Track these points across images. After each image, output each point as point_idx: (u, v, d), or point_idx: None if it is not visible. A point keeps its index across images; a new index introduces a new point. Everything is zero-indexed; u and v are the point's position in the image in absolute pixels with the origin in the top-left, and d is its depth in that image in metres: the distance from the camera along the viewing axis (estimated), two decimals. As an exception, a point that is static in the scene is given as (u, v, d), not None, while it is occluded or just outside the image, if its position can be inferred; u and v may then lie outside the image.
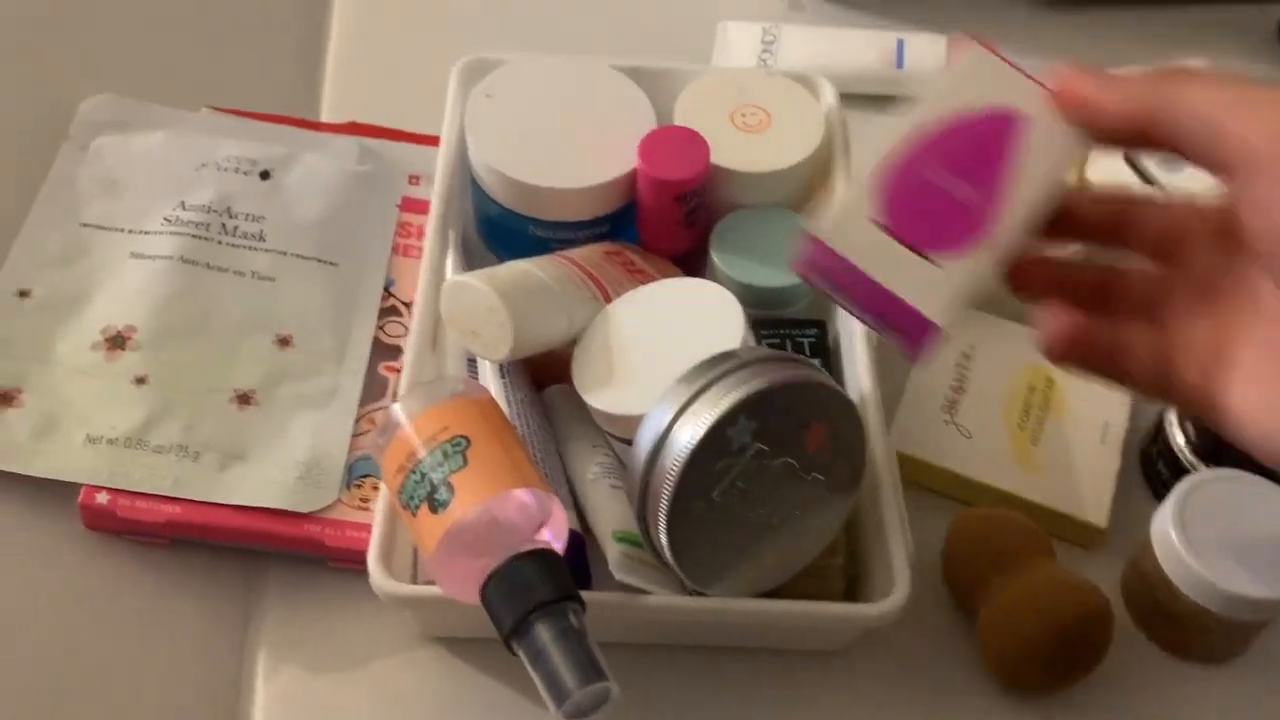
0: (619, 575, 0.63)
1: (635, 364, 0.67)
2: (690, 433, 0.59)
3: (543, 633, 0.56)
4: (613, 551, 0.63)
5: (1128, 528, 0.74)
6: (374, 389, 0.77)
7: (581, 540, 0.65)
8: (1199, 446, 0.73)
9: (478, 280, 0.68)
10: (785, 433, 0.61)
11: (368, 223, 0.85)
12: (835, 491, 0.64)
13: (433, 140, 0.88)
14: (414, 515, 0.60)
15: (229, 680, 0.69)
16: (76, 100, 0.87)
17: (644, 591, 0.63)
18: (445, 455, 0.60)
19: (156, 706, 0.68)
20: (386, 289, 0.82)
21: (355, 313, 0.80)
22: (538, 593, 0.56)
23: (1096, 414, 0.78)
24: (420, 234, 0.84)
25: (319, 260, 0.81)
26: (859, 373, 0.72)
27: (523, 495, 0.59)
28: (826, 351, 0.75)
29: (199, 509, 0.71)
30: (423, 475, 0.60)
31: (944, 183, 0.54)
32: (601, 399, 0.66)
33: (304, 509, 0.71)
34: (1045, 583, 0.68)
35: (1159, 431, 0.76)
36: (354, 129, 0.90)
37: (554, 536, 0.60)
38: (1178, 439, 0.75)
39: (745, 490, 0.61)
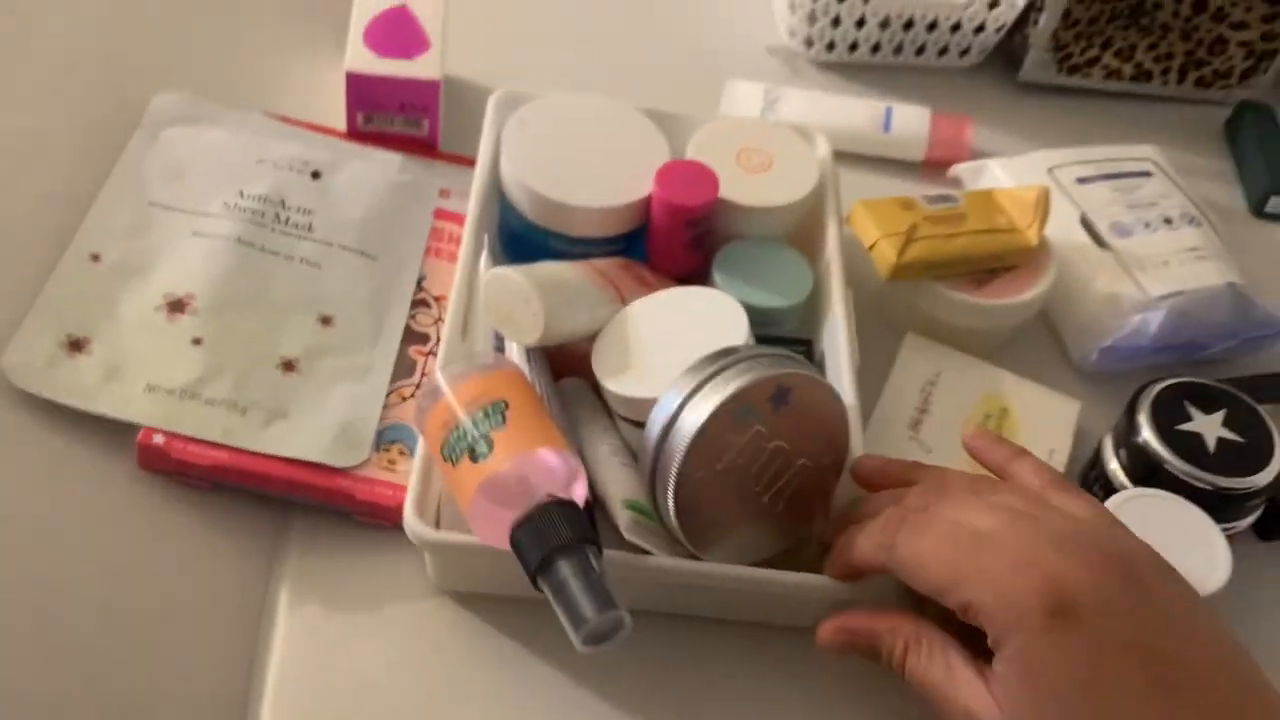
0: (629, 535, 0.63)
1: (649, 356, 0.68)
2: (703, 408, 0.61)
3: (564, 568, 0.56)
4: (623, 516, 0.64)
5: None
6: (403, 368, 0.77)
7: (592, 508, 0.65)
8: (1131, 470, 0.75)
9: (516, 272, 0.69)
10: (782, 419, 0.62)
11: (405, 224, 0.85)
12: (820, 476, 0.66)
13: (464, 160, 0.90)
14: (454, 466, 0.61)
15: (254, 611, 0.69)
16: (148, 96, 0.87)
17: (648, 553, 0.64)
18: (486, 415, 0.61)
19: (190, 628, 0.68)
20: (419, 283, 0.82)
21: (390, 301, 0.80)
22: (562, 534, 0.57)
23: (1044, 440, 0.79)
24: (450, 239, 0.85)
25: (361, 253, 0.82)
26: (843, 385, 0.73)
27: (551, 455, 0.60)
28: (813, 361, 0.77)
29: (243, 457, 0.71)
30: (464, 431, 0.61)
31: None
32: (620, 385, 0.67)
33: (338, 464, 0.71)
34: None
35: (1096, 457, 0.78)
36: (394, 144, 0.90)
37: (577, 494, 0.60)
38: (1111, 464, 0.76)
39: (744, 466, 0.62)
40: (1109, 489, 0.76)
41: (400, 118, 0.90)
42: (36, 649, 0.64)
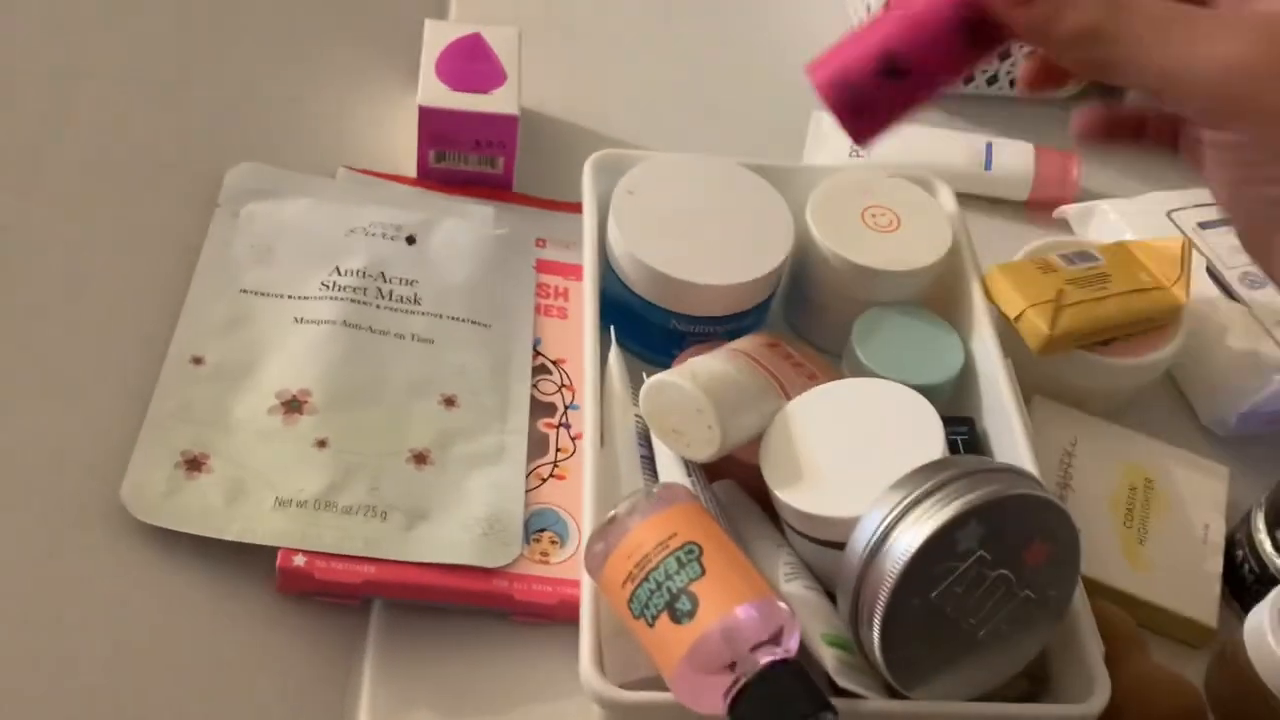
0: (840, 680, 0.53)
1: (829, 463, 0.58)
2: (917, 531, 0.51)
3: (808, 744, 0.47)
4: (829, 657, 0.54)
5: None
6: (536, 446, 0.67)
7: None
8: None
9: (683, 379, 0.59)
10: (1008, 545, 0.52)
11: (510, 283, 0.74)
12: (1042, 612, 0.55)
13: (549, 204, 0.79)
14: (649, 625, 0.51)
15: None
16: (222, 172, 0.75)
17: (860, 696, 0.54)
18: (680, 564, 0.51)
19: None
20: (535, 348, 0.72)
21: (511, 372, 0.70)
22: (797, 705, 0.48)
23: (1196, 515, 0.68)
24: (557, 294, 0.74)
25: (472, 322, 0.71)
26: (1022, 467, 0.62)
27: (759, 607, 0.50)
28: (978, 448, 0.66)
29: (391, 568, 0.61)
30: (658, 584, 0.51)
31: None
32: (801, 499, 0.57)
33: (491, 564, 0.62)
34: (1145, 680, 0.59)
35: (1246, 528, 0.67)
36: (480, 193, 0.79)
37: (792, 645, 0.51)
38: (1265, 544, 0.65)
39: (960, 597, 0.52)
40: (1261, 568, 0.66)
41: (475, 156, 0.78)
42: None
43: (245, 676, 0.59)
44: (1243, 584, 0.67)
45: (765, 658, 0.49)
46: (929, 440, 0.57)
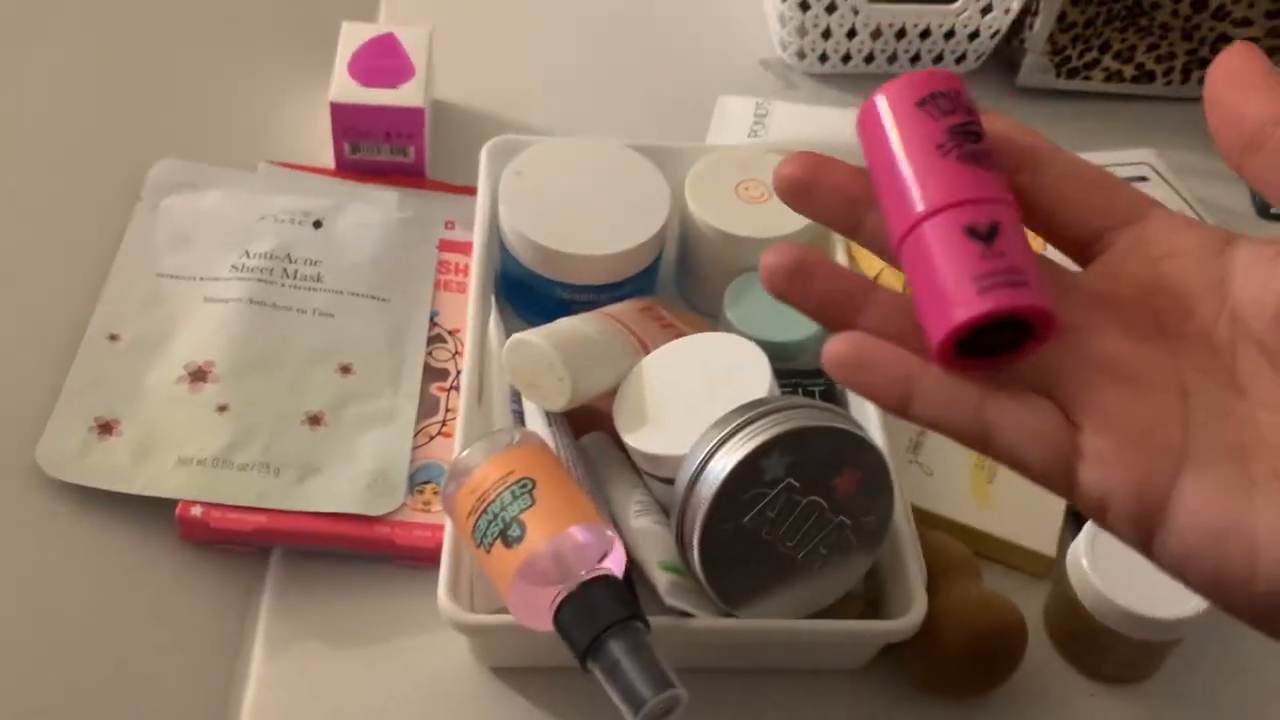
0: (669, 600, 0.58)
1: (672, 409, 0.63)
2: (726, 460, 0.55)
3: (615, 649, 0.51)
4: (661, 580, 0.59)
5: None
6: (427, 407, 0.72)
7: (631, 576, 0.60)
8: None
9: (538, 337, 0.63)
10: (816, 474, 0.56)
11: (412, 262, 0.79)
12: (860, 538, 0.59)
13: (458, 189, 0.84)
14: (487, 552, 0.56)
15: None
16: (145, 167, 0.81)
17: (689, 615, 0.58)
18: (514, 495, 0.56)
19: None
20: (432, 319, 0.77)
21: (407, 341, 0.75)
22: (608, 613, 0.52)
23: None
24: (458, 270, 0.79)
25: (372, 297, 0.76)
26: (869, 418, 0.67)
27: (585, 530, 0.55)
28: (835, 398, 0.70)
29: (282, 517, 0.66)
30: (494, 515, 0.56)
31: None
32: (643, 441, 0.61)
33: (375, 513, 0.67)
34: (965, 599, 0.62)
35: None
36: (395, 181, 0.84)
37: (615, 565, 0.55)
38: None
39: (774, 521, 0.57)
40: None
41: (387, 146, 0.84)
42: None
43: (150, 618, 0.65)
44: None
45: (584, 575, 0.54)
46: (758, 383, 0.61)
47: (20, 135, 0.83)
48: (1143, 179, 0.85)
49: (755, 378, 0.62)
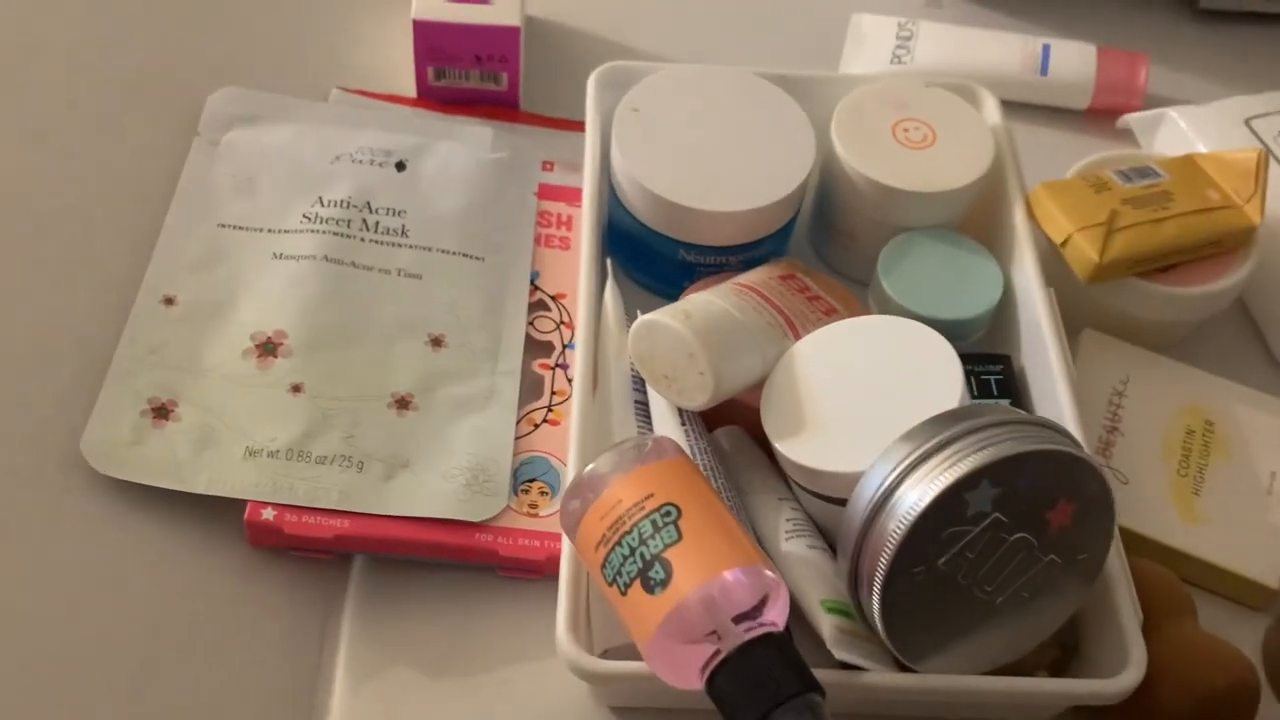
0: (837, 654, 0.48)
1: (836, 412, 0.52)
2: (922, 491, 0.45)
3: (787, 728, 0.41)
4: (826, 626, 0.48)
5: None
6: (530, 387, 0.62)
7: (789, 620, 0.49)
8: None
9: (674, 320, 0.52)
10: (1028, 507, 0.46)
11: (508, 213, 0.68)
12: (1070, 577, 0.48)
13: (559, 123, 0.73)
14: (622, 593, 0.45)
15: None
16: (202, 97, 0.70)
17: (859, 668, 0.48)
18: (655, 527, 0.45)
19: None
20: (532, 282, 0.66)
21: (505, 309, 0.64)
22: (778, 684, 0.42)
23: (1262, 462, 0.60)
24: (561, 223, 0.68)
25: (464, 255, 0.65)
26: (1062, 414, 0.55)
27: (743, 574, 0.45)
28: (1014, 390, 0.59)
29: (367, 521, 0.56)
30: (632, 550, 0.45)
31: None
32: (802, 451, 0.51)
33: (475, 518, 0.57)
34: (1187, 650, 0.52)
35: None
36: (484, 112, 0.73)
37: (778, 616, 0.45)
38: None
39: (973, 563, 0.46)
40: None
41: (476, 72, 0.72)
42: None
43: (214, 639, 0.55)
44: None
45: (747, 631, 0.44)
46: (948, 387, 0.50)
47: (56, 59, 0.72)
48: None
49: (943, 378, 0.50)
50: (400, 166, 0.68)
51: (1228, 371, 0.65)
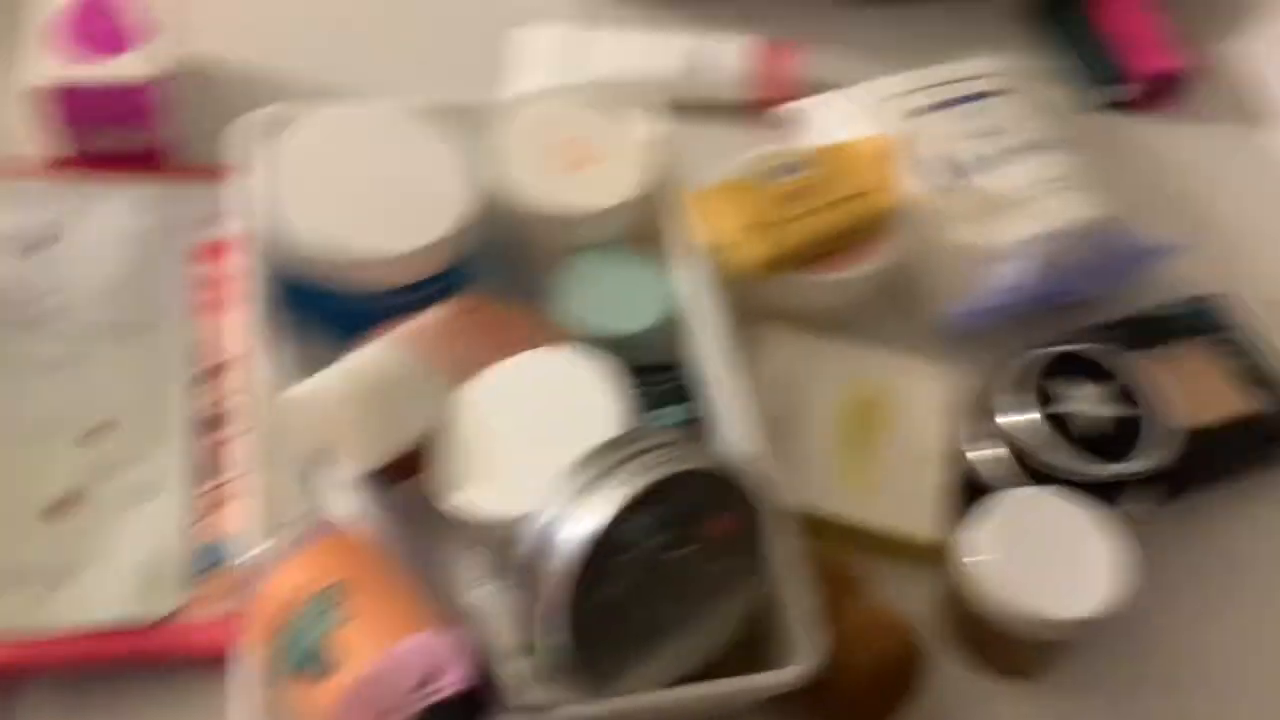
0: (530, 694, 0.47)
1: (500, 456, 0.50)
2: (580, 529, 0.44)
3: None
4: (517, 668, 0.47)
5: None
6: (204, 467, 0.58)
7: (485, 673, 0.47)
8: (1015, 463, 0.59)
9: (317, 388, 0.50)
10: (687, 522, 0.46)
11: (161, 281, 0.64)
12: (741, 579, 0.49)
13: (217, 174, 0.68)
14: (294, 684, 0.43)
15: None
16: None
17: (551, 706, 0.47)
18: (320, 612, 0.43)
19: None
20: (198, 351, 0.62)
21: (166, 386, 0.60)
22: None
23: (925, 427, 0.63)
24: (222, 285, 0.64)
25: (115, 335, 0.61)
26: (733, 413, 0.56)
27: (418, 642, 0.43)
28: (687, 397, 0.59)
29: (28, 646, 0.52)
30: (295, 639, 0.43)
31: None
32: (469, 501, 0.49)
33: (151, 617, 0.53)
34: (851, 629, 0.53)
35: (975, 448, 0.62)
36: (126, 171, 0.67)
37: (459, 674, 0.44)
38: (971, 454, 0.61)
39: (643, 585, 0.46)
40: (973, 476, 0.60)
41: (114, 131, 0.67)
42: None
43: None
44: (968, 493, 0.61)
45: (421, 700, 0.42)
46: (607, 413, 0.50)
47: None
48: (985, 95, 0.73)
49: (602, 404, 0.50)
50: (32, 249, 0.63)
51: (899, 344, 0.67)
